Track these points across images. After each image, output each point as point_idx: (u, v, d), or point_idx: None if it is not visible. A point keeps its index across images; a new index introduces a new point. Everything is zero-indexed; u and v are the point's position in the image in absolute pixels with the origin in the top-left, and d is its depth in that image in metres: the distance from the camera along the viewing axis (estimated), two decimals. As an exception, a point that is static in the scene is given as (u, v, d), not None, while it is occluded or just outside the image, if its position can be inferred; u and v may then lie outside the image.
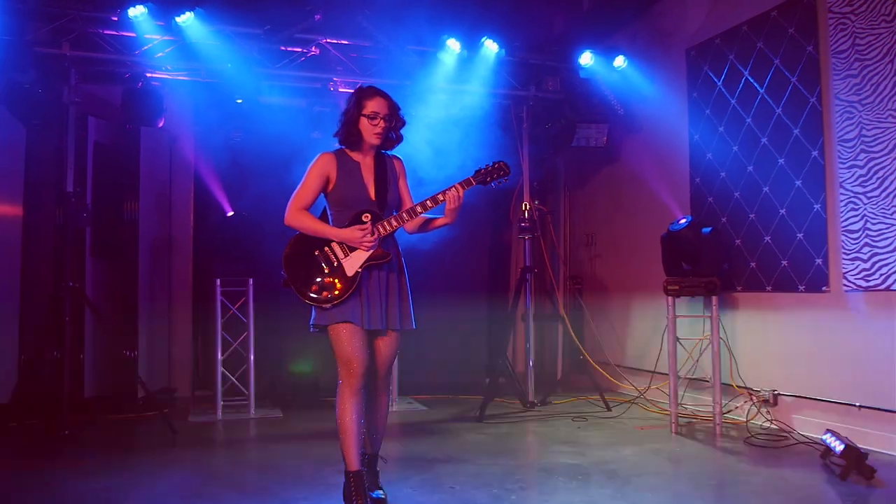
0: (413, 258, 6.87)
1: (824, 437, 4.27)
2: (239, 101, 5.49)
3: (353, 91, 3.51)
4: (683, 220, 5.46)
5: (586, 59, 6.16)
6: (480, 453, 4.62)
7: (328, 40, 5.71)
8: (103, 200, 6.20)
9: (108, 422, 5.63)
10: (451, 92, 6.15)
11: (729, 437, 5.00)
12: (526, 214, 6.38)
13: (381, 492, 3.50)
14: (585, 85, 6.27)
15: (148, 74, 5.44)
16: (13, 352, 5.75)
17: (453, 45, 5.83)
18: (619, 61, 6.29)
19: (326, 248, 3.29)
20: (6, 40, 4.85)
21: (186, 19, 5.11)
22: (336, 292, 3.22)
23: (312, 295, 3.23)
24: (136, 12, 5.04)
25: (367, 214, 3.32)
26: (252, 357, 6.06)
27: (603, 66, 6.27)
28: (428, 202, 3.34)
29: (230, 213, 6.34)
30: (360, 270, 3.26)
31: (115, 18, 5.14)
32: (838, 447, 4.04)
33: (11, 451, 4.65)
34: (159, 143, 6.69)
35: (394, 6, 5.48)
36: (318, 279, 3.25)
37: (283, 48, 5.52)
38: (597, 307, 7.57)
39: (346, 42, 5.75)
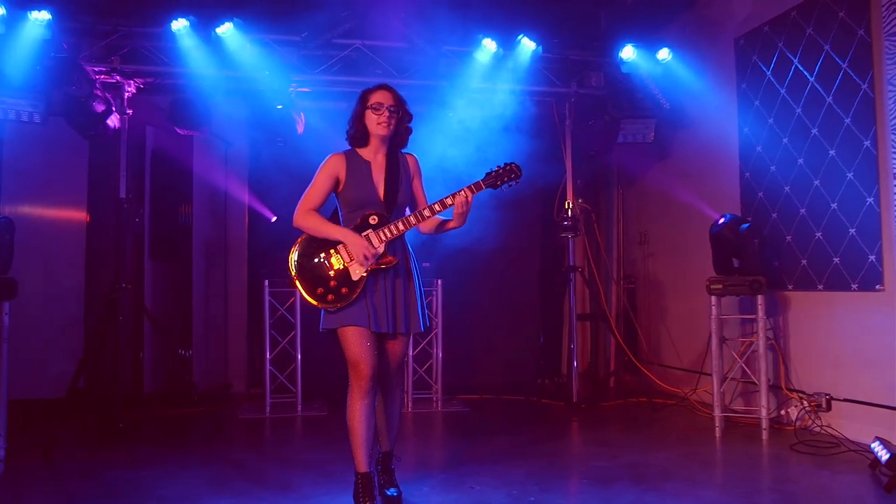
0: (461, 259, 7.01)
1: (872, 445, 4.02)
2: (279, 106, 5.65)
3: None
4: (722, 220, 5.26)
5: (628, 53, 6.01)
6: (511, 454, 4.58)
7: (365, 43, 5.79)
8: (160, 206, 6.52)
9: (163, 417, 5.90)
10: (489, 91, 6.12)
11: (775, 443, 4.77)
12: (569, 213, 6.29)
13: (395, 489, 3.52)
14: (628, 80, 6.10)
15: (192, 84, 5.67)
16: (77, 349, 6.12)
17: (489, 44, 5.80)
18: (664, 54, 6.10)
19: (332, 251, 3.30)
20: (63, 58, 5.16)
21: (226, 30, 5.31)
22: (341, 295, 3.24)
23: (318, 297, 3.26)
24: (179, 25, 5.27)
25: (375, 217, 3.32)
26: (299, 356, 6.21)
27: (646, 60, 6.09)
28: (436, 206, 3.32)
29: (274, 219, 6.52)
30: (364, 275, 3.26)
31: (161, 31, 5.37)
32: (885, 456, 3.80)
33: (66, 443, 4.94)
34: (214, 150, 6.97)
35: (428, 7, 5.51)
36: (324, 282, 3.27)
37: (321, 53, 5.64)
38: (651, 307, 7.37)
39: (382, 44, 5.82)
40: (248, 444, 5.13)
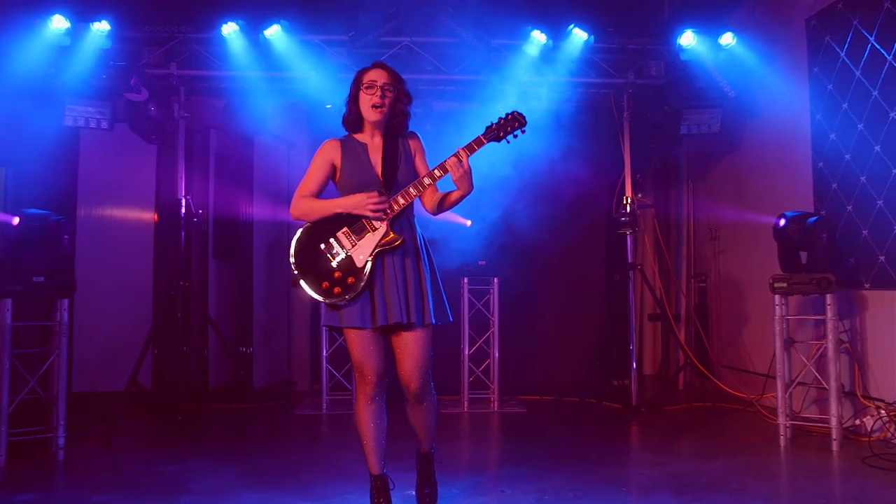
0: (521, 257, 6.87)
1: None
2: (328, 106, 5.70)
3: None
4: (783, 222, 4.88)
5: (688, 39, 5.69)
6: (554, 458, 4.42)
7: (413, 40, 5.76)
8: (223, 206, 6.73)
9: (221, 411, 6.07)
10: (540, 85, 5.96)
11: (846, 455, 4.39)
12: (628, 209, 6.04)
13: (429, 488, 3.36)
14: (689, 68, 5.79)
15: (245, 86, 5.81)
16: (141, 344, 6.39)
17: (538, 36, 5.64)
18: (727, 38, 5.75)
19: (332, 240, 3.07)
20: (124, 66, 5.40)
21: (273, 32, 5.40)
22: (348, 286, 3.00)
23: (325, 292, 3.01)
24: (229, 30, 5.41)
25: (375, 193, 3.06)
26: (355, 354, 6.24)
27: (707, 46, 5.76)
28: (436, 171, 3.04)
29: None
30: (370, 259, 3.02)
31: (213, 36, 5.53)
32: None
33: (125, 433, 5.15)
34: (276, 151, 7.12)
35: (475, 1, 5.41)
36: (328, 274, 3.02)
37: (369, 52, 5.64)
38: (722, 306, 6.99)
39: (430, 40, 5.77)
40: (292, 439, 5.18)
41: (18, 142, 5.98)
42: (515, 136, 3.10)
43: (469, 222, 6.44)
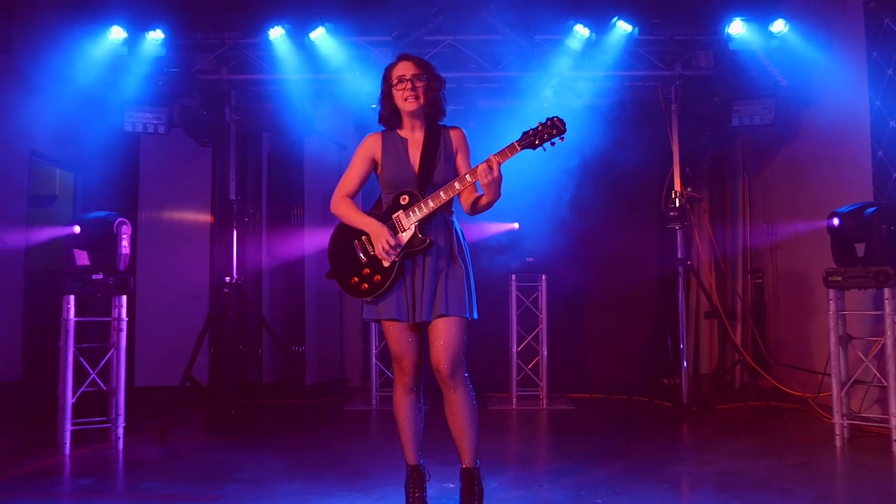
0: (571, 254, 6.81)
1: None
2: (374, 106, 5.76)
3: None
4: (836, 221, 4.67)
5: (737, 28, 5.53)
6: (597, 455, 4.38)
7: (456, 38, 5.78)
8: (276, 207, 6.92)
9: (273, 406, 6.23)
10: (585, 79, 5.91)
11: (904, 457, 4.20)
12: (677, 203, 5.92)
13: None
14: (738, 57, 5.63)
15: (295, 89, 5.96)
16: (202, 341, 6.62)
17: (581, 30, 5.58)
18: (779, 26, 5.56)
19: (364, 237, 3.10)
20: (177, 72, 5.62)
21: (318, 35, 5.52)
22: (375, 284, 3.05)
23: (353, 287, 3.10)
24: (276, 34, 5.56)
25: (406, 196, 3.07)
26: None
27: (757, 35, 5.58)
28: (468, 176, 3.00)
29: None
30: (396, 260, 3.03)
31: (262, 41, 5.69)
32: None
33: (181, 425, 5.36)
34: (328, 153, 7.26)
35: (516, -2, 5.42)
36: (357, 270, 3.09)
37: (413, 52, 5.69)
38: (780, 302, 6.76)
39: (473, 38, 5.78)
40: (338, 433, 5.27)
41: (85, 149, 6.32)
42: (553, 144, 2.97)
43: (517, 225, 6.42)
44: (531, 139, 2.96)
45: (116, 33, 5.51)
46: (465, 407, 3.09)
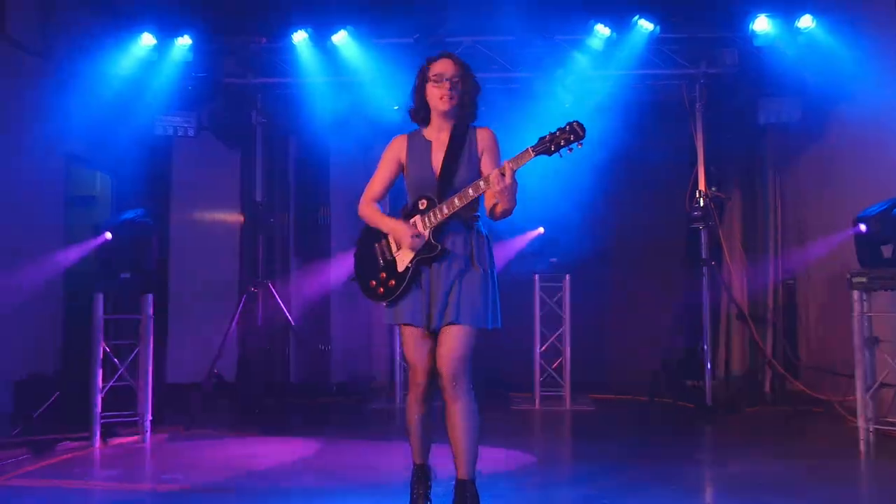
0: (596, 254, 6.76)
1: None
2: (396, 107, 5.85)
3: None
4: (864, 227, 4.54)
5: (762, 24, 5.45)
6: (611, 456, 4.38)
7: (477, 39, 5.82)
8: (303, 208, 7.04)
9: (299, 405, 6.33)
10: (606, 78, 5.87)
11: (930, 465, 4.09)
12: (701, 202, 5.85)
13: None
14: (764, 54, 5.54)
15: (319, 91, 6.07)
16: (230, 339, 6.77)
17: (602, 29, 5.56)
18: (806, 21, 5.45)
19: (384, 241, 3.10)
20: (205, 77, 5.77)
21: (341, 38, 5.61)
22: (390, 288, 3.02)
23: (370, 290, 3.09)
24: (299, 38, 5.67)
25: (424, 200, 3.02)
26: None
27: (783, 31, 5.49)
28: (480, 183, 2.91)
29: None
30: (410, 266, 2.99)
31: (286, 45, 5.81)
32: None
33: (205, 422, 5.46)
34: (355, 154, 7.34)
35: (537, -2, 5.42)
36: (375, 273, 3.08)
37: (434, 52, 5.75)
38: (810, 304, 6.61)
39: (494, 38, 5.81)
40: (357, 430, 5.36)
41: (120, 152, 6.52)
42: (570, 150, 2.80)
43: (542, 229, 6.41)
44: (547, 145, 2.83)
45: (147, 40, 5.70)
46: (464, 419, 3.00)
